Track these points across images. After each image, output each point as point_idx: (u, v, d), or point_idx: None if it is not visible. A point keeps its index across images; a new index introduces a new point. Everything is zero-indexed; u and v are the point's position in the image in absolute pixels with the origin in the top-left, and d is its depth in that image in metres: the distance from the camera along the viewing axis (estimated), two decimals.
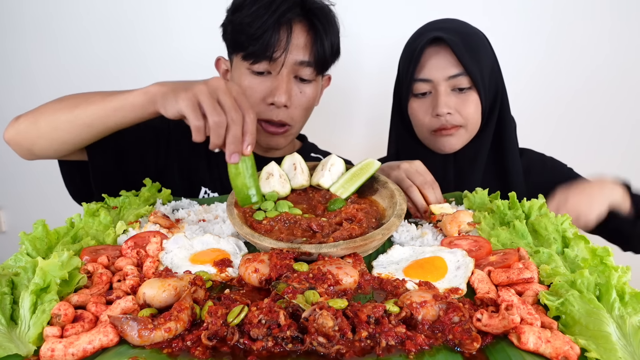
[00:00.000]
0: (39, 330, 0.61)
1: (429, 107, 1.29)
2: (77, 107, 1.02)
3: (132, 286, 0.73)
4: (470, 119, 1.28)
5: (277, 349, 0.57)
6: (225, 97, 0.86)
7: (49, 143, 1.07)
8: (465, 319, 0.60)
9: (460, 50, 1.22)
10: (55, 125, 1.05)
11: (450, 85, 1.26)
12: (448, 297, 0.65)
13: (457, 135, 1.30)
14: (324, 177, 1.02)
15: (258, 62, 1.20)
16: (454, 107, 1.26)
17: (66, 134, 1.05)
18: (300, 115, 1.30)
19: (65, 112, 1.04)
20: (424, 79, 1.27)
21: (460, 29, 1.29)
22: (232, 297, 0.67)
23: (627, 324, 0.58)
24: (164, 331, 0.59)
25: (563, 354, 0.56)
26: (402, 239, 0.92)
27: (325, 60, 1.26)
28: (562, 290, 0.65)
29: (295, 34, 1.20)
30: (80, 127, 1.03)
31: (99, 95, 1.03)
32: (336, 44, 1.28)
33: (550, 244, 0.84)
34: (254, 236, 0.84)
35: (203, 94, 0.86)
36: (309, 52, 1.22)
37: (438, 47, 1.26)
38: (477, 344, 0.57)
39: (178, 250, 0.85)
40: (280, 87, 1.21)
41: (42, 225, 0.87)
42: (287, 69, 1.21)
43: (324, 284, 0.69)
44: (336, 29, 1.27)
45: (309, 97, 1.28)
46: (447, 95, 1.26)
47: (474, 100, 1.27)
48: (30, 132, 1.07)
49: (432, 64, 1.26)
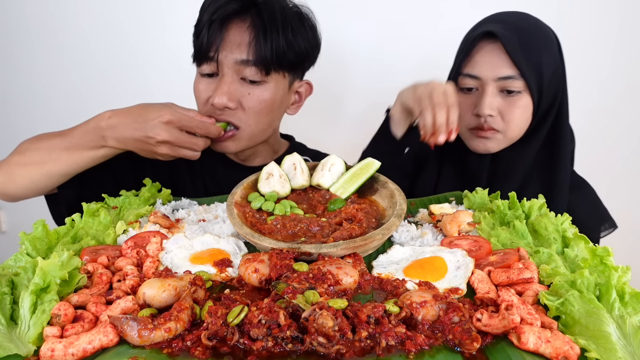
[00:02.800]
0: (39, 330, 0.61)
1: (471, 104, 1.20)
2: (46, 163, 1.10)
3: (132, 286, 0.73)
4: (512, 124, 1.18)
5: (277, 349, 0.57)
6: (181, 136, 1.08)
7: (28, 192, 1.16)
8: (465, 319, 0.61)
9: (514, 50, 1.12)
10: (31, 179, 1.12)
11: (500, 87, 1.16)
12: (448, 297, 0.65)
13: (494, 139, 1.21)
14: (324, 177, 1.02)
15: (201, 63, 1.17)
16: (498, 109, 1.17)
17: (42, 184, 1.14)
18: (252, 119, 1.19)
19: (37, 168, 1.11)
20: (471, 75, 1.18)
21: (523, 26, 1.16)
22: (232, 297, 0.67)
23: (627, 324, 0.58)
24: (164, 331, 0.59)
25: (563, 354, 0.56)
26: (402, 239, 0.92)
27: (267, 60, 1.13)
28: (562, 290, 0.65)
29: (232, 32, 1.13)
30: (56, 177, 1.12)
31: (63, 145, 1.10)
32: (285, 43, 1.14)
33: (550, 244, 0.84)
34: (254, 236, 0.84)
35: (168, 134, 1.05)
36: (249, 51, 1.13)
37: (493, 42, 1.15)
38: (477, 344, 0.57)
39: (178, 250, 0.85)
40: (219, 88, 1.14)
41: (42, 225, 0.87)
42: (229, 69, 1.14)
43: (324, 284, 0.69)
44: (293, 26, 1.16)
45: (259, 100, 1.17)
46: (493, 96, 1.16)
47: (523, 106, 1.17)
48: (8, 185, 1.14)
49: (483, 60, 1.16)
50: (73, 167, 1.10)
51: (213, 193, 1.24)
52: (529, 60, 1.13)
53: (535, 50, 1.14)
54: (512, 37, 1.13)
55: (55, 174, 1.11)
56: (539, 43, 1.16)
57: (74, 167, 1.11)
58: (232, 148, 1.24)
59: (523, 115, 1.18)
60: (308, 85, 1.34)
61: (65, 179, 1.13)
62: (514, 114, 1.17)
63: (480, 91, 1.18)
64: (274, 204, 0.96)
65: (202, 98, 1.20)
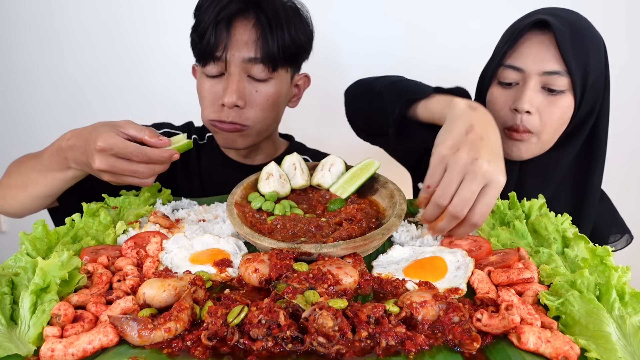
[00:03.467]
0: (39, 330, 0.61)
1: (509, 99, 1.11)
2: (27, 187, 1.08)
3: (132, 286, 0.73)
4: (549, 126, 1.09)
5: (277, 349, 0.57)
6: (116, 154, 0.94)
7: (23, 212, 1.14)
8: (465, 319, 0.61)
9: (565, 44, 1.03)
10: (18, 200, 1.11)
11: (543, 82, 1.07)
12: (448, 297, 0.65)
13: (527, 142, 1.12)
14: (324, 177, 1.02)
15: (207, 63, 1.17)
16: (538, 107, 1.08)
17: (32, 205, 1.12)
18: (259, 116, 1.22)
19: (21, 190, 1.09)
20: (514, 67, 1.09)
21: (576, 23, 1.08)
22: (232, 297, 0.67)
23: (627, 324, 0.58)
24: (164, 331, 0.59)
25: (563, 354, 0.56)
26: (402, 239, 0.92)
27: (274, 56, 1.16)
28: (562, 290, 0.65)
29: (238, 30, 1.14)
30: (40, 199, 1.10)
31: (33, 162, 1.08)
32: (291, 39, 1.17)
33: (550, 244, 0.84)
34: (254, 236, 0.84)
35: (105, 163, 0.93)
36: (256, 48, 1.14)
37: (542, 35, 1.07)
38: (477, 344, 0.57)
39: (178, 250, 0.85)
40: (228, 87, 1.16)
41: (42, 225, 0.86)
42: (236, 68, 1.15)
43: (324, 284, 0.69)
44: (294, 22, 1.18)
45: (266, 97, 1.20)
46: (535, 92, 1.07)
47: (564, 107, 1.08)
48: (3, 206, 1.15)
49: (529, 51, 1.07)
50: (49, 189, 1.07)
51: (211, 193, 1.24)
52: (578, 57, 1.05)
53: (585, 50, 1.07)
54: (565, 31, 1.04)
55: (38, 196, 1.08)
56: (590, 43, 1.09)
57: (51, 189, 1.07)
58: (241, 144, 1.26)
59: (562, 117, 1.10)
60: (306, 78, 1.37)
61: (51, 200, 1.11)
62: (553, 114, 1.08)
63: (521, 85, 1.10)
64: (274, 204, 0.96)
65: (209, 99, 1.20)
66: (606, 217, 1.30)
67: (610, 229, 1.29)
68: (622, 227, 1.31)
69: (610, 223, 1.30)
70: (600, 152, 1.17)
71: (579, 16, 1.12)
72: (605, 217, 1.30)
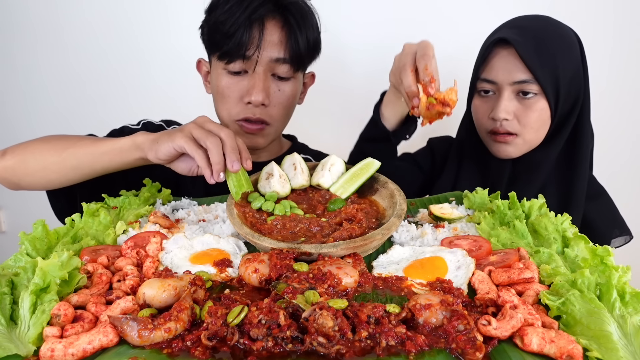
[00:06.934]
0: (39, 330, 0.61)
1: (489, 108, 1.23)
2: (65, 150, 1.07)
3: (132, 286, 0.73)
4: (528, 127, 1.19)
5: (277, 349, 0.57)
6: (211, 125, 0.97)
7: (36, 181, 1.12)
8: (470, 327, 0.59)
9: (528, 55, 1.13)
10: (44, 165, 1.08)
11: (516, 90, 1.18)
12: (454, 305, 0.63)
13: (513, 144, 1.22)
14: (324, 177, 1.02)
15: (233, 61, 1.19)
16: (514, 112, 1.19)
17: (54, 174, 1.09)
18: (280, 114, 1.27)
19: (54, 153, 1.07)
20: (488, 80, 1.21)
21: (540, 31, 1.18)
22: (232, 297, 0.67)
23: (628, 323, 0.58)
24: (164, 331, 0.59)
25: (567, 352, 0.55)
26: (402, 239, 0.92)
27: (301, 57, 1.22)
28: (562, 290, 0.65)
29: (268, 31, 1.17)
30: (68, 169, 1.08)
31: (88, 139, 1.09)
32: (312, 40, 1.23)
33: (550, 244, 0.84)
34: (254, 236, 0.84)
35: (194, 128, 0.95)
36: (284, 49, 1.19)
37: (508, 47, 1.17)
38: (480, 354, 0.56)
39: (178, 250, 0.85)
40: (256, 86, 1.19)
41: (42, 225, 0.86)
42: (262, 67, 1.19)
43: (324, 284, 0.69)
44: (313, 24, 1.23)
45: (288, 95, 1.25)
46: (509, 100, 1.18)
47: (539, 109, 1.18)
48: (18, 169, 1.11)
49: (499, 65, 1.19)
50: (90, 157, 1.05)
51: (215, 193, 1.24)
52: (544, 64, 1.14)
53: (551, 55, 1.15)
54: (526, 42, 1.14)
55: (69, 164, 1.06)
56: (556, 47, 1.16)
57: (91, 158, 1.05)
58: (262, 143, 1.31)
59: (539, 118, 1.19)
60: (312, 76, 1.41)
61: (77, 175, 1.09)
62: (530, 117, 1.18)
63: (497, 95, 1.21)
64: (274, 204, 0.96)
65: (232, 96, 1.23)
66: (606, 215, 1.33)
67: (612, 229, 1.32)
68: (621, 226, 1.34)
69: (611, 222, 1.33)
70: (585, 140, 1.25)
71: (545, 21, 1.21)
72: (606, 215, 1.32)
